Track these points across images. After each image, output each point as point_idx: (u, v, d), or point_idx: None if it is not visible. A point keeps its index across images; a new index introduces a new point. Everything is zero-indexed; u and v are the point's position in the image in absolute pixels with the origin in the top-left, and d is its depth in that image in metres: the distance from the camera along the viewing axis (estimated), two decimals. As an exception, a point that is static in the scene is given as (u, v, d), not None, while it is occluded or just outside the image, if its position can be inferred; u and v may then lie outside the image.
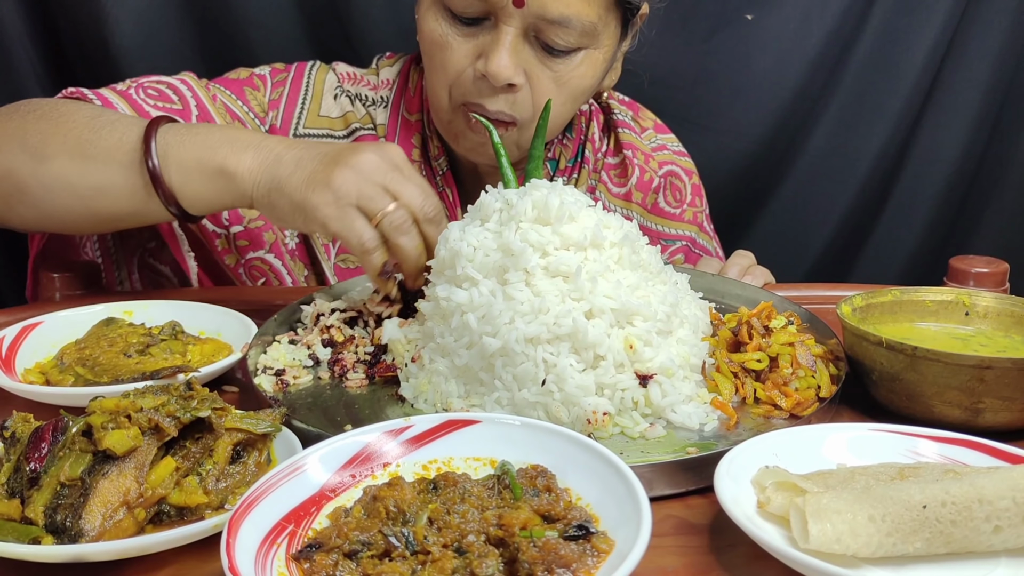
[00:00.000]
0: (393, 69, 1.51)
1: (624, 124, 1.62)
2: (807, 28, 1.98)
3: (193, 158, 1.07)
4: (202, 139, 1.09)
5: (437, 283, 0.98)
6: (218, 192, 1.08)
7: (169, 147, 1.08)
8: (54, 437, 0.72)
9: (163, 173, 1.07)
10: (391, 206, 0.99)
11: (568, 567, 0.60)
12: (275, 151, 1.06)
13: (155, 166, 1.07)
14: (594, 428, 0.87)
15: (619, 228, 0.98)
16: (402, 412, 0.94)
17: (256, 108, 1.42)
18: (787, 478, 0.71)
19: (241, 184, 1.06)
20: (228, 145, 1.07)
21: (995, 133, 2.07)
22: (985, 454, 0.79)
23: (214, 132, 1.11)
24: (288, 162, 1.04)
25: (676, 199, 1.65)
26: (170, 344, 1.03)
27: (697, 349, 0.98)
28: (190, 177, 1.08)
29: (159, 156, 1.07)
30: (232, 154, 1.06)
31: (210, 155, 1.07)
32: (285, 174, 1.03)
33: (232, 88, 1.42)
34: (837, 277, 2.16)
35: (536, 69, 1.27)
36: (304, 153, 1.05)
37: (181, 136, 1.09)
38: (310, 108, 1.45)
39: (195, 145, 1.08)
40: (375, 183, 1.00)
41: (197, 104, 1.36)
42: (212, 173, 1.07)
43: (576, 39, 1.25)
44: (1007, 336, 1.03)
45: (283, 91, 1.45)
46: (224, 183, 1.07)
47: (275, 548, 0.64)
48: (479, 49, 1.25)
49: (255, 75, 1.46)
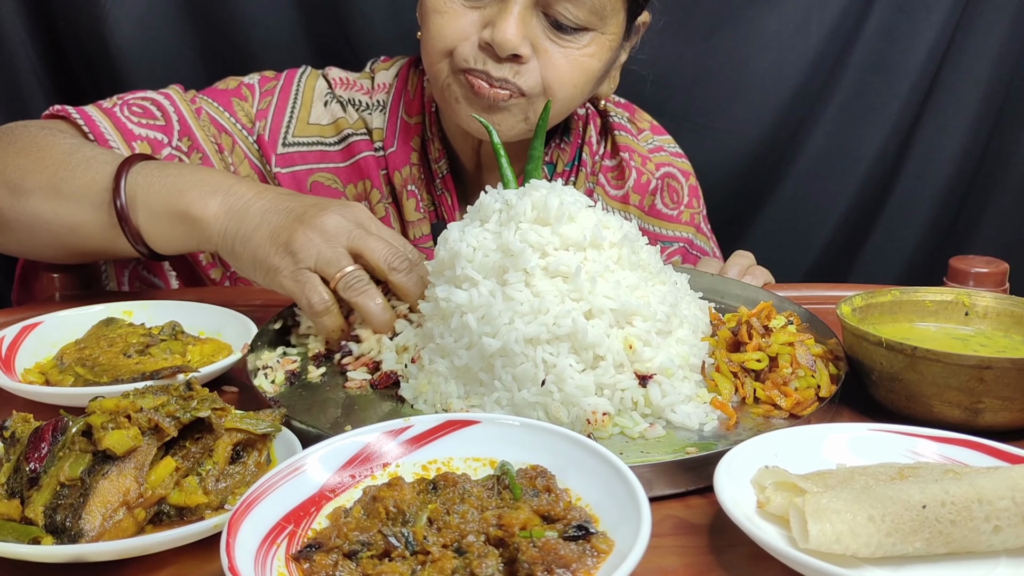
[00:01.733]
0: (390, 72, 1.50)
1: (621, 127, 1.62)
2: (807, 28, 1.98)
3: (161, 200, 1.09)
4: (172, 181, 1.10)
5: (437, 284, 0.98)
6: (183, 237, 1.10)
7: (138, 188, 1.10)
8: (54, 437, 0.72)
9: (130, 214, 1.10)
10: (349, 267, 0.99)
11: (568, 567, 0.60)
12: (244, 198, 1.06)
13: (123, 207, 1.09)
14: (594, 428, 0.87)
15: (618, 228, 0.98)
16: (402, 412, 0.94)
17: (243, 119, 1.41)
18: (787, 478, 0.71)
19: (206, 230, 1.07)
20: (196, 189, 1.08)
21: (995, 133, 2.07)
22: (985, 454, 0.79)
23: (184, 174, 1.11)
24: (254, 214, 1.04)
25: (673, 201, 1.65)
26: (170, 344, 1.03)
27: (697, 349, 0.98)
28: (156, 220, 1.10)
29: (127, 197, 1.09)
30: (199, 199, 1.07)
31: (177, 199, 1.08)
32: (250, 228, 1.03)
33: (219, 100, 1.42)
34: (837, 277, 2.17)
35: (544, 43, 1.26)
36: (271, 204, 1.05)
37: (151, 177, 1.10)
38: (299, 116, 1.44)
39: (164, 187, 1.09)
40: (336, 245, 0.99)
41: (179, 119, 1.36)
42: (178, 218, 1.08)
43: (585, 16, 1.25)
44: (1007, 336, 1.03)
45: (271, 100, 1.44)
46: (189, 228, 1.08)
47: (275, 548, 0.64)
48: (485, 20, 1.25)
49: (244, 84, 1.45)
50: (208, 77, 1.47)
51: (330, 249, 0.99)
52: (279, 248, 1.00)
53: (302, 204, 1.04)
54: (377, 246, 1.01)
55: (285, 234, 1.00)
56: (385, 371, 0.99)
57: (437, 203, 1.49)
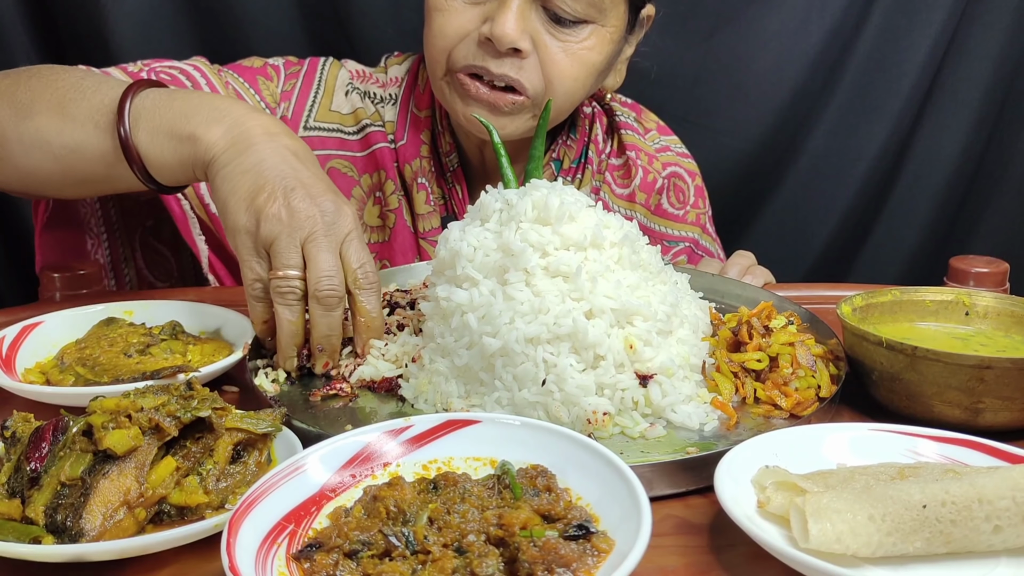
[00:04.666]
0: (402, 67, 1.52)
1: (627, 126, 1.63)
2: (807, 27, 1.98)
3: (166, 121, 1.04)
4: (180, 103, 1.05)
5: (437, 283, 0.98)
6: (179, 156, 1.03)
7: (144, 110, 1.05)
8: (54, 437, 0.72)
9: (132, 135, 1.04)
10: (291, 272, 0.94)
11: (568, 567, 0.60)
12: (251, 135, 1.00)
13: (127, 130, 1.04)
14: (594, 428, 0.87)
15: (619, 228, 0.98)
16: (402, 412, 0.94)
17: (268, 98, 1.42)
18: (787, 478, 0.71)
19: (202, 152, 1.01)
20: (204, 111, 1.03)
21: (995, 133, 2.07)
22: (985, 454, 0.79)
23: (193, 97, 1.07)
24: (252, 157, 0.98)
25: (679, 200, 1.65)
26: (170, 344, 1.03)
27: (697, 349, 0.98)
28: (157, 139, 1.04)
29: (131, 118, 1.05)
30: (204, 123, 1.02)
31: (183, 121, 1.03)
32: (239, 169, 0.98)
33: (245, 76, 1.42)
34: (837, 277, 2.17)
35: (544, 38, 1.27)
36: (273, 156, 0.99)
37: (160, 100, 1.06)
38: (322, 102, 1.46)
39: (171, 110, 1.05)
40: (295, 239, 0.94)
41: (210, 89, 1.35)
42: (180, 138, 1.03)
43: (584, 9, 1.26)
44: (1007, 336, 1.03)
45: (296, 83, 1.45)
46: (187, 148, 1.02)
47: (275, 548, 0.64)
48: (485, 15, 1.26)
49: (269, 65, 1.46)
50: (208, 77, 1.47)
51: (287, 240, 0.94)
52: (249, 207, 0.95)
53: (298, 175, 0.97)
54: (322, 266, 0.94)
55: (263, 198, 0.94)
56: (385, 376, 0.98)
57: (447, 196, 1.50)
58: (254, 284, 0.97)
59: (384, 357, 1.00)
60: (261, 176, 0.96)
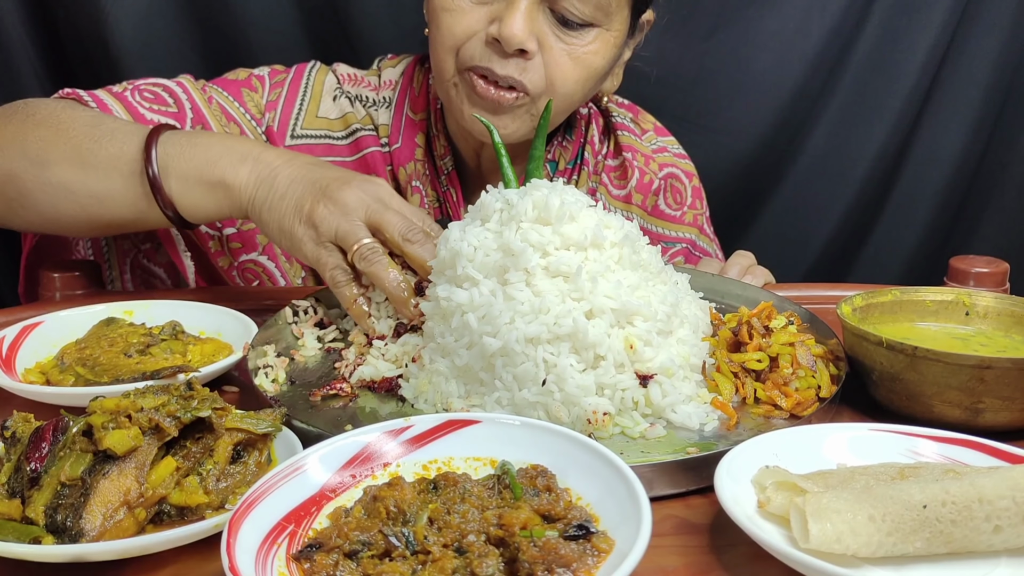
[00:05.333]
0: (396, 70, 1.51)
1: (624, 127, 1.62)
2: (807, 28, 1.98)
3: (194, 168, 1.11)
4: (202, 150, 1.12)
5: (437, 283, 0.98)
6: (216, 203, 1.12)
7: (169, 158, 1.11)
8: (54, 437, 0.72)
9: (163, 183, 1.11)
10: (366, 240, 1.02)
11: (568, 567, 0.60)
12: (272, 166, 1.09)
13: (155, 176, 1.10)
14: (594, 428, 0.87)
15: (619, 228, 0.98)
16: (402, 412, 0.94)
17: (253, 110, 1.42)
18: (787, 478, 0.71)
19: (237, 197, 1.10)
20: (227, 156, 1.10)
21: (995, 133, 2.07)
22: (985, 454, 0.79)
23: (214, 143, 1.13)
24: (281, 183, 1.07)
25: (676, 201, 1.65)
26: (170, 344, 1.03)
27: (697, 349, 0.98)
28: (189, 188, 1.11)
29: (159, 166, 1.10)
30: (230, 167, 1.10)
31: (210, 168, 1.10)
32: (276, 197, 1.07)
33: (229, 89, 1.42)
34: (837, 277, 2.16)
35: (550, 40, 1.27)
36: (298, 174, 1.08)
37: (181, 147, 1.12)
38: (308, 109, 1.45)
39: (195, 156, 1.11)
40: (354, 218, 1.02)
41: (192, 107, 1.36)
42: (211, 186, 1.11)
43: (591, 12, 1.26)
44: (1007, 336, 1.03)
45: (281, 92, 1.45)
46: (222, 195, 1.10)
47: (275, 548, 0.64)
48: (492, 15, 1.25)
49: (254, 76, 1.46)
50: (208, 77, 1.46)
51: (348, 222, 1.02)
52: (302, 219, 1.04)
53: (326, 176, 1.07)
54: (393, 219, 1.03)
55: (308, 206, 1.04)
56: (385, 376, 0.98)
57: (442, 199, 1.49)
58: (335, 272, 1.04)
59: (384, 357, 1.00)
60: (296, 192, 1.06)
